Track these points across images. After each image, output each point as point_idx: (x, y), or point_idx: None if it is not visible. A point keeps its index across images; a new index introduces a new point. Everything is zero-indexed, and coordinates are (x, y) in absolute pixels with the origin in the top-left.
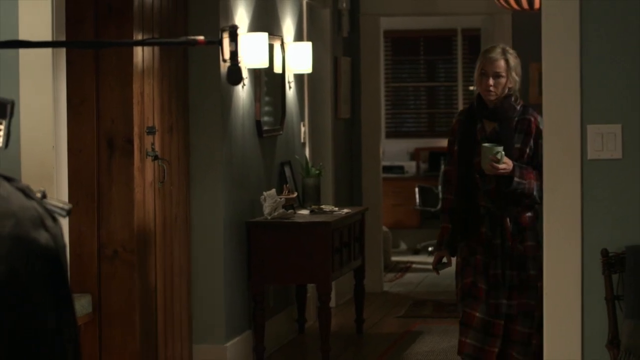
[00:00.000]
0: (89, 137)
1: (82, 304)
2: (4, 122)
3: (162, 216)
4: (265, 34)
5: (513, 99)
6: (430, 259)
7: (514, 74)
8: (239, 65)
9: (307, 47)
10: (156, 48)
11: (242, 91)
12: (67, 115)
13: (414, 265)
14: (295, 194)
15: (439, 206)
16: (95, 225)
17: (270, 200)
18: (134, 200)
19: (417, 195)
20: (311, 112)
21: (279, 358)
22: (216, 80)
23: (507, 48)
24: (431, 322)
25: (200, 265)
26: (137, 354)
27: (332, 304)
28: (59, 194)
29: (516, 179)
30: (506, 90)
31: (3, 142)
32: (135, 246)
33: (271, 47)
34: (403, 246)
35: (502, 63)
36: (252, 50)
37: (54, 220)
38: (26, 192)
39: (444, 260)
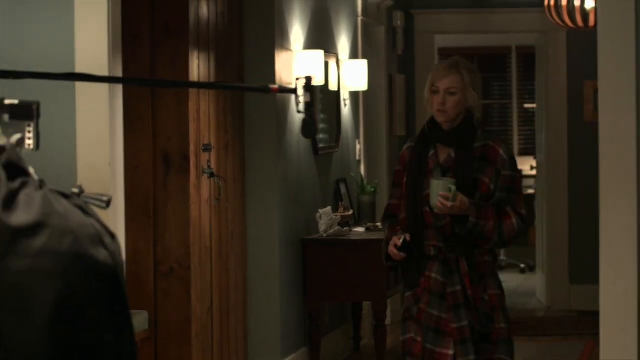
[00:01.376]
0: (145, 154)
1: (139, 321)
2: (32, 124)
3: (218, 233)
4: (321, 52)
5: (475, 120)
6: None
7: (471, 90)
8: (314, 117)
9: (362, 64)
10: (212, 65)
11: (298, 108)
12: (123, 132)
13: None
14: (351, 212)
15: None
16: (152, 242)
17: (325, 218)
18: (190, 217)
19: None
20: (366, 130)
21: None
22: (272, 98)
23: (462, 61)
24: None
25: (256, 282)
26: None
27: (388, 321)
28: (116, 211)
29: (472, 219)
30: (462, 110)
31: (34, 144)
32: (191, 263)
33: (327, 64)
34: None
35: (455, 78)
36: (308, 67)
37: (113, 237)
38: (84, 209)
39: (400, 240)
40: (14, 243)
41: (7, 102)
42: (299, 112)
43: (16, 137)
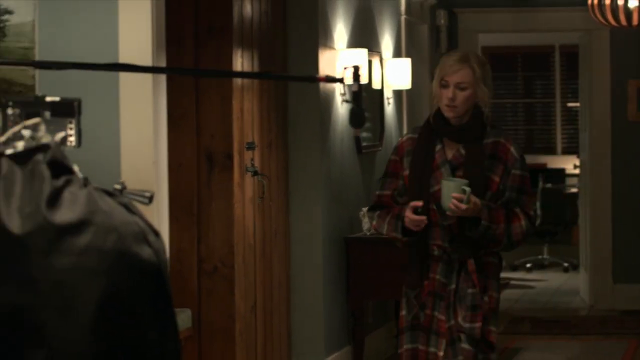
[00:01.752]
0: (188, 152)
1: (182, 319)
2: (73, 121)
3: (261, 232)
4: (365, 50)
5: (484, 116)
6: (529, 276)
7: (482, 85)
8: (363, 107)
9: (405, 63)
10: (255, 64)
11: (341, 107)
12: (167, 130)
13: (512, 282)
14: None
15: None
16: (195, 240)
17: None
18: (234, 215)
19: None
20: (410, 128)
21: None
22: (315, 96)
23: (473, 53)
24: (529, 339)
25: (300, 280)
26: None
27: None
28: (159, 209)
29: (484, 222)
30: (471, 106)
31: (75, 141)
32: (235, 261)
33: (370, 63)
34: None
35: (466, 72)
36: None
37: (156, 235)
38: (128, 207)
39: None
40: (58, 241)
41: (48, 99)
42: (346, 101)
43: (60, 135)
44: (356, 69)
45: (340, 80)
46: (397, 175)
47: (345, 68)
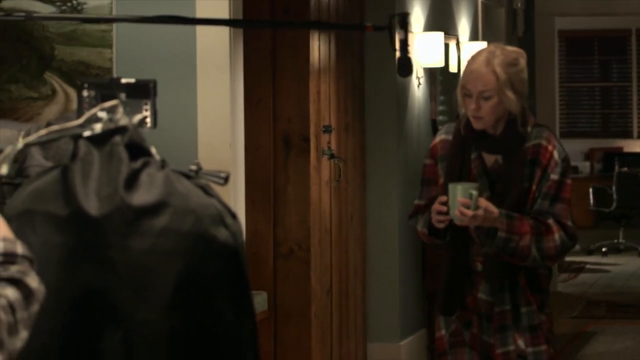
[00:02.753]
0: (265, 135)
1: (258, 302)
2: (148, 103)
3: (337, 215)
4: (441, 34)
5: (519, 122)
6: (604, 260)
7: (509, 91)
8: (409, 55)
9: (482, 47)
10: (333, 47)
11: (418, 90)
12: (244, 113)
13: (587, 266)
14: None
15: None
16: (271, 223)
17: None
18: (310, 198)
19: (591, 196)
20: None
21: None
22: (392, 80)
23: (498, 53)
24: (605, 323)
25: (375, 264)
26: (311, 352)
27: None
28: (236, 192)
29: (501, 234)
30: (503, 113)
31: (151, 123)
32: (311, 244)
33: (447, 46)
34: (577, 247)
35: (489, 78)
36: (428, 49)
37: (234, 217)
38: (205, 189)
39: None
40: (135, 223)
41: (123, 81)
42: (393, 49)
43: (138, 117)
44: (403, 16)
45: (389, 28)
46: (435, 182)
47: (392, 16)
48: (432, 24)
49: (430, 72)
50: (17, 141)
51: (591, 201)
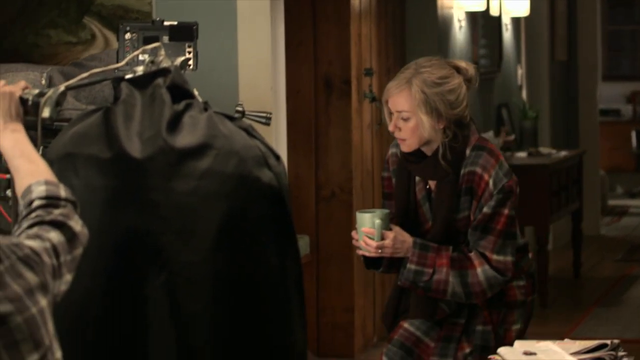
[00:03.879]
0: (306, 78)
1: (300, 245)
2: (191, 45)
3: (379, 157)
4: None
5: (442, 151)
6: None
7: (422, 114)
8: None
9: None
10: (373, 1)
11: (459, 33)
12: (285, 58)
13: (630, 209)
14: (513, 137)
15: None
16: (313, 167)
17: None
18: (352, 141)
19: (633, 139)
20: (528, 55)
21: None
22: (433, 23)
23: (422, 69)
24: None
25: None
26: (354, 294)
27: (550, 247)
28: (278, 136)
29: (411, 266)
30: (427, 136)
31: (193, 65)
32: (353, 187)
33: None
34: (619, 190)
35: (405, 97)
36: None
37: (277, 159)
38: (249, 131)
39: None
40: (179, 165)
41: (166, 23)
42: None
43: (180, 59)
44: None
45: None
46: (393, 196)
47: None
48: None
49: (472, 16)
50: (41, 83)
51: (633, 144)
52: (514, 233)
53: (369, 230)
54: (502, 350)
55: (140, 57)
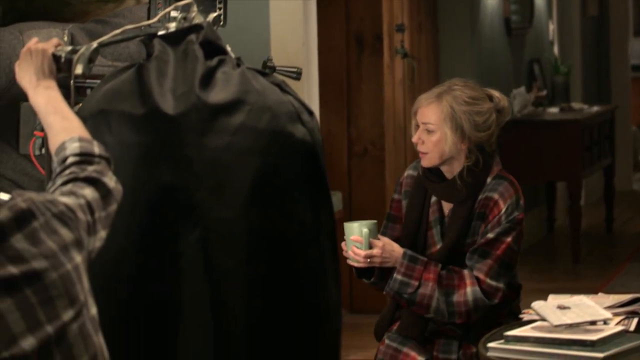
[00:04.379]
0: (338, 35)
1: (333, 202)
2: (222, 1)
3: (410, 114)
4: None
5: (465, 171)
6: None
7: (447, 128)
8: None
9: None
10: None
11: None
12: (316, 14)
13: None
14: (545, 92)
15: None
16: (345, 123)
17: (519, 98)
18: (384, 98)
19: None
20: (559, 9)
21: (529, 257)
22: None
23: (456, 87)
24: None
25: None
26: None
27: (582, 202)
28: (310, 93)
29: (397, 276)
30: (446, 154)
31: (224, 21)
32: (385, 143)
33: None
34: None
35: (435, 110)
36: None
37: (310, 114)
38: (282, 87)
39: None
40: (212, 121)
41: None
42: None
43: (212, 15)
44: None
45: None
46: (399, 219)
47: None
48: None
49: None
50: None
51: None
52: (511, 265)
53: (357, 238)
54: (535, 304)
55: (173, 14)
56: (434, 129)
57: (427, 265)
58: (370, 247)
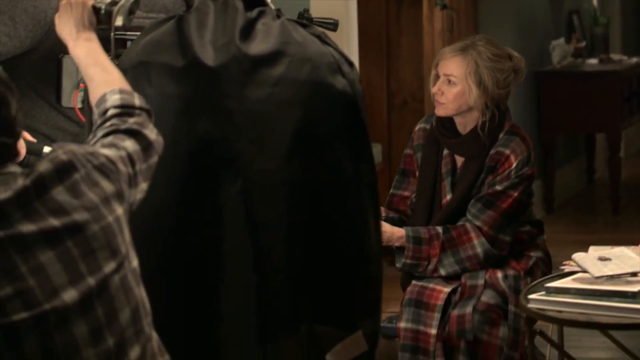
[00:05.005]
0: None
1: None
2: None
3: None
4: None
5: (480, 124)
6: None
7: (472, 83)
8: None
9: None
10: None
11: None
12: None
13: None
14: (584, 43)
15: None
16: (385, 75)
17: (559, 49)
18: (423, 49)
19: None
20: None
21: (568, 208)
22: None
23: (481, 43)
24: None
25: None
26: None
27: (622, 153)
28: (349, 44)
29: (406, 260)
30: (465, 107)
31: None
32: (425, 95)
33: None
34: None
35: (459, 64)
36: None
37: (351, 65)
38: (322, 38)
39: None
40: (252, 72)
41: None
42: None
43: None
44: None
45: None
46: (411, 173)
47: None
48: None
49: None
50: None
51: None
52: (516, 216)
53: None
54: (576, 256)
55: None
56: (456, 82)
57: (431, 240)
58: None
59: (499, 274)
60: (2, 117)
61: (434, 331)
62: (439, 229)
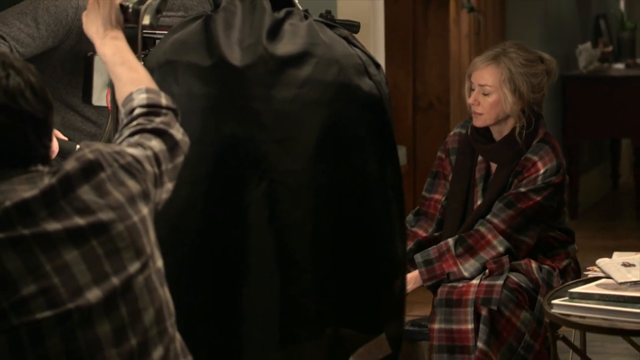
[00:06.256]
0: None
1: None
2: None
3: None
4: None
5: (518, 130)
6: None
7: (507, 90)
8: None
9: None
10: None
11: None
12: None
13: None
14: (611, 48)
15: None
16: (411, 77)
17: (585, 54)
18: (450, 52)
19: None
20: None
21: (593, 214)
22: None
23: (512, 49)
24: None
25: None
26: None
27: None
28: (375, 46)
29: (426, 283)
30: (502, 115)
31: None
32: (451, 98)
33: None
34: None
35: (493, 72)
36: None
37: (377, 67)
38: (349, 39)
39: None
40: (279, 73)
41: None
42: None
43: None
44: None
45: None
46: (443, 176)
47: None
48: None
49: None
50: None
51: None
52: (536, 219)
53: None
54: (600, 261)
55: None
56: (491, 91)
57: (441, 256)
58: None
59: (534, 265)
60: (41, 119)
61: (470, 326)
62: (450, 242)
